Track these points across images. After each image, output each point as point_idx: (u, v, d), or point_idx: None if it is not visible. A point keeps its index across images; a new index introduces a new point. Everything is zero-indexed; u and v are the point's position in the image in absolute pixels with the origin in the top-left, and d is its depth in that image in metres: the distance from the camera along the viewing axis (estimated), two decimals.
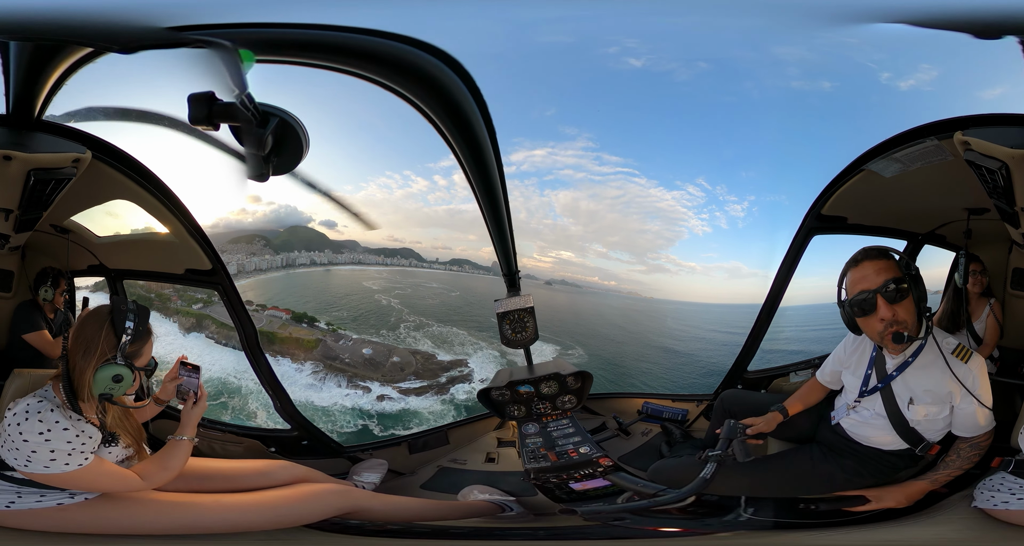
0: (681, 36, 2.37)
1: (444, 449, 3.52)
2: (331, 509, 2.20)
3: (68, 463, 1.82)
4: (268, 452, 3.10)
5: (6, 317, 2.85)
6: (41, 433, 1.79)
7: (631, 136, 4.72)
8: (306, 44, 1.97)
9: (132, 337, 1.88)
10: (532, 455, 2.86)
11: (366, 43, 1.92)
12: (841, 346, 2.44)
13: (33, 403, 1.83)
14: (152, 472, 2.00)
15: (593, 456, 2.77)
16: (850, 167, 2.70)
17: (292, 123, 1.96)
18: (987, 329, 2.82)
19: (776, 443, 2.65)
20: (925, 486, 2.23)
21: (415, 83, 1.98)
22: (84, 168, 2.26)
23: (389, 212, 5.73)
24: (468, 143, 2.21)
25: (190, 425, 2.11)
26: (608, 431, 3.48)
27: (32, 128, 2.22)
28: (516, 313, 3.38)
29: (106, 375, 1.84)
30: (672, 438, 3.29)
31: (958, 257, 2.79)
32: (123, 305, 1.91)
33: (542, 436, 3.06)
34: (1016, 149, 1.96)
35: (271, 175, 2.04)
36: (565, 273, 6.16)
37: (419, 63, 1.93)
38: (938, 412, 2.15)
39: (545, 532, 2.43)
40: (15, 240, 2.57)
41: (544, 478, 2.68)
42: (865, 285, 2.06)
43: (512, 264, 3.35)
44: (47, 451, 1.80)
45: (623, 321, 6.34)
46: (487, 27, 2.25)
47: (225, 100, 1.77)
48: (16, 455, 1.82)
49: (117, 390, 1.86)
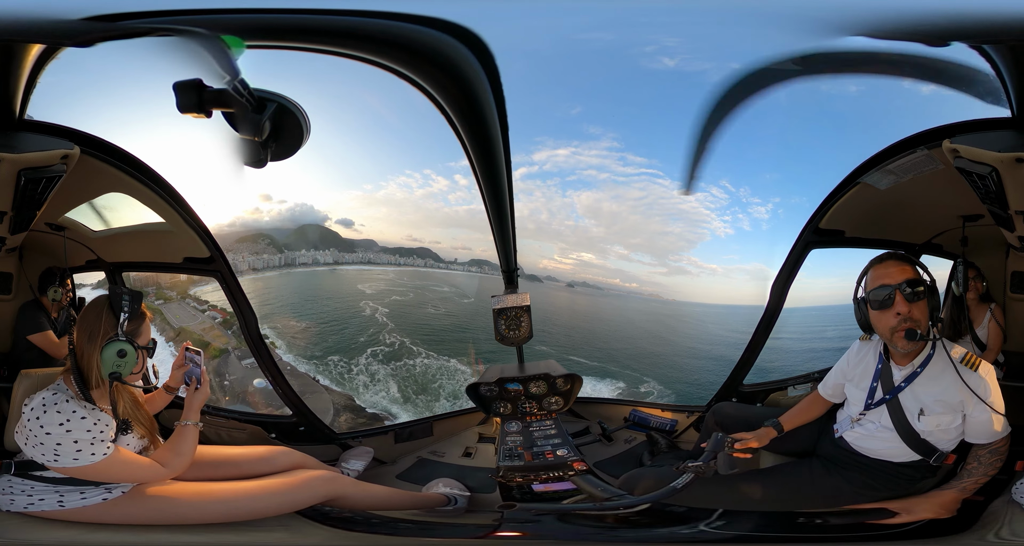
0: (718, 37, 2.38)
1: (427, 440, 3.55)
2: (319, 496, 2.28)
3: (94, 453, 1.91)
4: (269, 438, 3.18)
5: (9, 319, 2.85)
6: (61, 424, 1.87)
7: (657, 136, 4.72)
8: (315, 29, 1.94)
9: (129, 316, 2.01)
10: (508, 453, 2.86)
11: (384, 27, 1.89)
12: (844, 359, 2.40)
13: (48, 396, 1.93)
14: (169, 459, 2.11)
15: (568, 459, 2.75)
16: (846, 180, 2.69)
17: (291, 108, 1.96)
18: (990, 334, 2.82)
19: (771, 457, 2.59)
20: (956, 495, 2.18)
21: (430, 67, 1.93)
22: (74, 164, 2.24)
23: (409, 211, 5.80)
24: (479, 135, 2.19)
25: (194, 410, 2.23)
26: (591, 436, 3.45)
27: (16, 128, 2.20)
28: (512, 310, 3.41)
29: (111, 352, 1.94)
30: (656, 448, 3.23)
31: (955, 265, 2.77)
32: (118, 291, 2.05)
33: (523, 435, 3.07)
34: (1004, 153, 1.94)
35: (270, 161, 2.05)
36: (586, 275, 6.09)
37: (437, 46, 1.88)
38: (950, 421, 2.11)
39: (464, 530, 2.43)
40: (11, 241, 2.54)
41: (511, 477, 2.68)
42: (886, 280, 2.09)
43: (512, 261, 3.38)
44: (71, 442, 1.88)
45: (663, 329, 6.10)
46: (524, 21, 2.17)
47: (215, 87, 1.77)
48: (43, 451, 1.91)
49: (124, 367, 1.96)
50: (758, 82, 2.30)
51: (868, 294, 2.13)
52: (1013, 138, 1.97)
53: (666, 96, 11.35)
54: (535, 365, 3.50)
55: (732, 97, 2.38)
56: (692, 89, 5.74)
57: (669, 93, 10.86)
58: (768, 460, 2.61)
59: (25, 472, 2.01)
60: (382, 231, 8.16)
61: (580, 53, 3.09)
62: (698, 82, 6.54)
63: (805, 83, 2.40)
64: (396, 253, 7.24)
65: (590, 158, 8.63)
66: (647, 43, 3.29)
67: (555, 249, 9.22)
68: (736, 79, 2.32)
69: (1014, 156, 1.92)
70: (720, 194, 12.08)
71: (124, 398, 2.06)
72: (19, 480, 2.01)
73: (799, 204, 3.43)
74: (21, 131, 2.19)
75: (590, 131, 9.20)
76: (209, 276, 3.07)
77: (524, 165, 11.27)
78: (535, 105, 5.63)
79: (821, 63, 2.18)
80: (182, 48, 1.85)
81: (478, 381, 3.38)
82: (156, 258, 3.12)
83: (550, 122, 6.66)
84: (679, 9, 2.31)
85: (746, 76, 2.28)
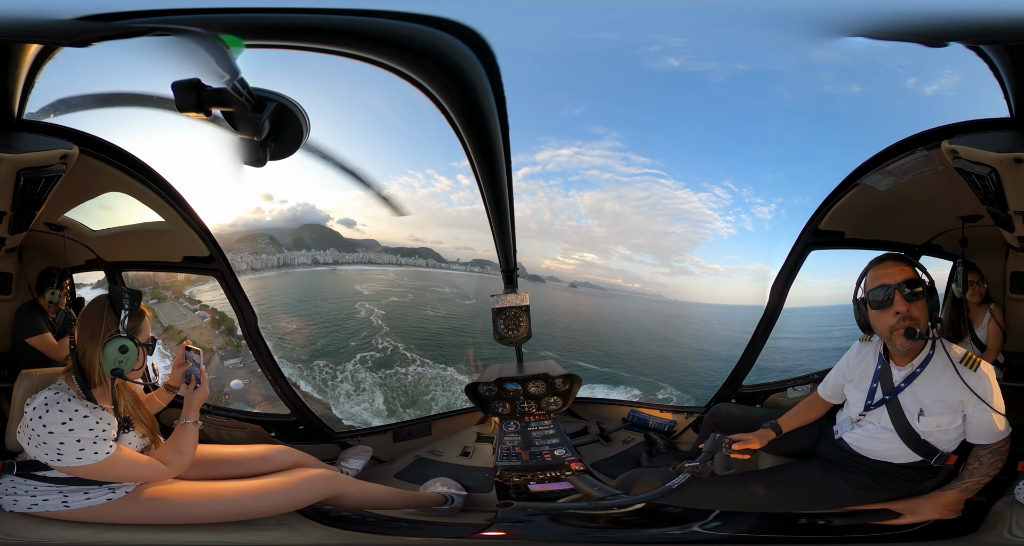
0: (723, 38, 2.36)
1: (426, 439, 3.55)
2: (318, 494, 2.30)
3: (97, 452, 1.92)
4: (269, 437, 3.19)
5: (9, 319, 2.85)
6: (64, 423, 1.89)
7: (660, 137, 4.69)
8: (316, 28, 1.94)
9: (130, 313, 2.04)
10: (506, 453, 2.86)
11: (384, 26, 1.89)
12: (844, 360, 2.41)
13: (50, 395, 1.95)
14: (170, 458, 2.13)
15: (566, 460, 2.75)
16: (846, 181, 2.69)
17: (291, 107, 1.97)
18: (989, 334, 2.84)
19: (770, 458, 2.59)
20: (958, 496, 2.19)
21: (431, 66, 1.93)
22: (73, 164, 2.24)
23: (412, 211, 5.76)
24: (479, 134, 2.19)
25: (193, 409, 2.24)
26: (589, 436, 3.45)
27: (15, 129, 2.19)
28: (512, 310, 3.41)
29: (113, 348, 1.97)
30: (655, 448, 3.23)
31: (955, 267, 2.76)
32: (118, 290, 2.08)
33: (521, 435, 3.07)
34: (1003, 153, 1.94)
35: (269, 160, 2.06)
36: (588, 275, 6.04)
37: (439, 45, 1.88)
38: (950, 422, 2.12)
39: (456, 529, 2.42)
40: (11, 242, 2.55)
41: (508, 477, 2.68)
42: (885, 280, 2.11)
43: (511, 261, 3.37)
44: (74, 441, 1.90)
45: (669, 331, 5.95)
46: (527, 21, 2.18)
47: (213, 86, 1.76)
48: (46, 450, 1.92)
49: (126, 363, 1.98)
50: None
51: (867, 294, 2.15)
52: (1012, 138, 1.98)
53: (670, 96, 11.33)
54: (534, 365, 3.50)
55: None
56: (696, 89, 5.76)
57: (673, 93, 10.84)
58: (766, 461, 2.61)
59: (27, 472, 2.02)
60: (384, 231, 8.22)
61: (584, 52, 3.09)
62: (702, 82, 6.53)
63: (808, 83, 2.39)
64: (398, 253, 7.19)
65: (593, 158, 8.67)
66: (652, 43, 3.29)
67: (557, 249, 9.29)
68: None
69: (1013, 156, 1.92)
70: (723, 194, 12.05)
71: (125, 397, 2.08)
72: (21, 480, 2.02)
73: (802, 204, 3.43)
74: (19, 131, 2.19)
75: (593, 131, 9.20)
76: (209, 275, 3.06)
77: (527, 165, 11.25)
78: (538, 105, 5.61)
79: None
80: (181, 48, 1.85)
81: (477, 381, 3.39)
82: (156, 257, 3.13)
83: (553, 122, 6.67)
84: (685, 10, 2.30)
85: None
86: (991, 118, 2.04)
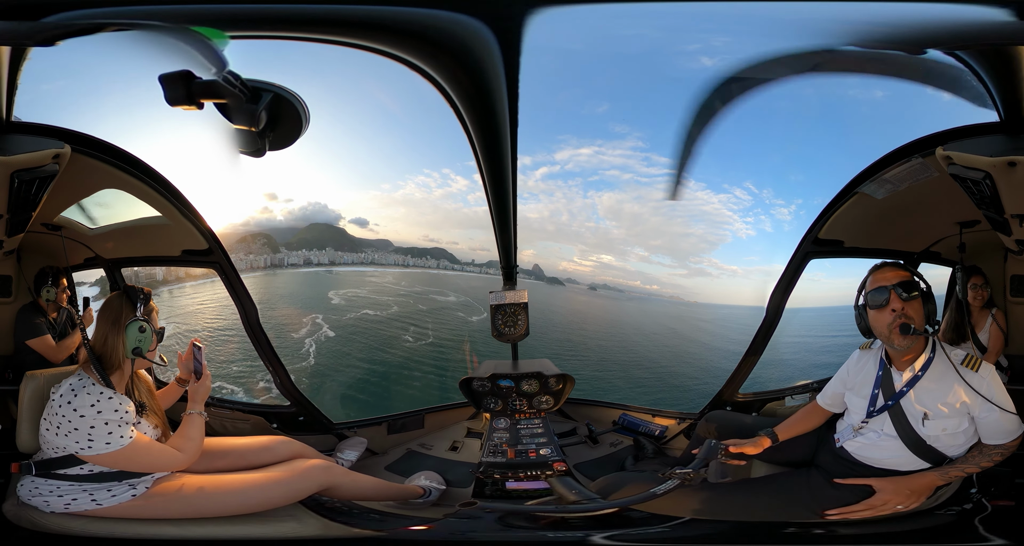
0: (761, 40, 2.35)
1: (418, 432, 3.58)
2: (316, 484, 2.37)
3: (123, 436, 2.02)
4: (271, 428, 3.26)
5: (11, 322, 2.87)
6: (92, 405, 1.99)
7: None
8: (327, 18, 1.94)
9: (144, 302, 2.20)
10: (493, 449, 2.88)
11: (396, 13, 1.88)
12: (844, 368, 2.39)
13: (75, 382, 2.05)
14: (183, 445, 2.22)
15: (550, 459, 2.76)
16: (844, 191, 2.69)
17: (289, 98, 1.98)
18: (990, 337, 2.85)
19: (765, 466, 2.55)
20: (932, 479, 2.17)
21: (443, 55, 1.93)
22: (66, 163, 2.22)
23: (427, 211, 5.57)
24: (486, 126, 2.18)
25: (197, 401, 2.34)
26: (577, 437, 3.44)
27: (4, 131, 2.18)
28: (510, 307, 3.42)
29: (133, 329, 2.13)
30: (642, 453, 3.19)
31: (955, 271, 2.78)
32: (131, 287, 2.25)
33: (510, 432, 3.08)
34: (996, 157, 1.93)
35: (268, 150, 2.09)
36: (606, 277, 5.87)
37: (454, 31, 1.87)
38: (956, 425, 2.10)
39: (412, 521, 2.43)
40: (8, 244, 2.54)
41: (490, 473, 2.69)
42: (883, 283, 2.17)
43: (512, 257, 3.37)
44: (102, 424, 1.99)
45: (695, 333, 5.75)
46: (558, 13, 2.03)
47: (203, 78, 1.77)
48: (78, 437, 1.99)
49: (144, 342, 2.13)
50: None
51: (867, 297, 2.19)
52: (1003, 142, 1.97)
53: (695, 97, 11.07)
54: (529, 363, 3.51)
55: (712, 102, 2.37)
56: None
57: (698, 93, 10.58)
58: (761, 470, 2.56)
59: (47, 471, 2.08)
60: (398, 231, 8.18)
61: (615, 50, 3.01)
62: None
63: (831, 85, 2.36)
64: (408, 253, 7.04)
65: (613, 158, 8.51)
66: (692, 41, 3.22)
67: (575, 251, 9.12)
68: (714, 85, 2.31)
69: (1006, 160, 1.91)
70: (743, 196, 11.80)
71: (140, 387, 2.22)
72: (43, 481, 2.08)
73: (821, 206, 3.37)
74: (10, 133, 2.19)
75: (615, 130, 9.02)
76: (208, 268, 3.09)
77: (546, 164, 11.08)
78: (560, 102, 5.52)
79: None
80: (155, 42, 1.89)
81: (471, 376, 3.41)
82: (154, 252, 3.17)
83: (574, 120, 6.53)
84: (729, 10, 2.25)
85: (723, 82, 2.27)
86: (983, 123, 2.03)
